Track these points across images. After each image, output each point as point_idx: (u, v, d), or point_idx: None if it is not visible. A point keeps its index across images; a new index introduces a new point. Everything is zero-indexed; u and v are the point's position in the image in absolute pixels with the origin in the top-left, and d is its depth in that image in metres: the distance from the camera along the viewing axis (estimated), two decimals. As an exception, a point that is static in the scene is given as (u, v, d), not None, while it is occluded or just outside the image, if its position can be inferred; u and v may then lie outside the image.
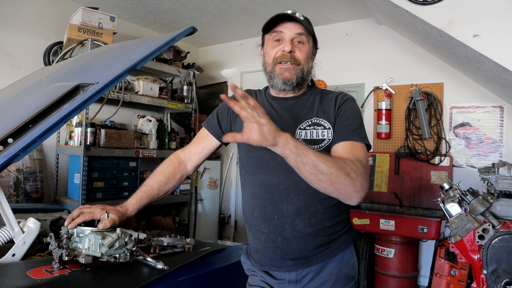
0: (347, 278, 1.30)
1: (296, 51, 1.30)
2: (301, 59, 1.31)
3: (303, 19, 1.32)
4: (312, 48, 1.37)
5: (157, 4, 3.78)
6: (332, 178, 1.04)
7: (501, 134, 3.28)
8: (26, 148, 1.09)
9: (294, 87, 1.32)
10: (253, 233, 1.35)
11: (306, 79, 1.35)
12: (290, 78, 1.30)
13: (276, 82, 1.33)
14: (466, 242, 1.99)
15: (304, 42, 1.32)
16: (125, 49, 1.64)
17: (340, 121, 1.27)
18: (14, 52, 3.38)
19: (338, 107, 1.30)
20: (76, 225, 1.18)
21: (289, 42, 1.30)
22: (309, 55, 1.34)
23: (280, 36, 1.32)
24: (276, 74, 1.32)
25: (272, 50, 1.33)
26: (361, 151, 1.20)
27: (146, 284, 1.10)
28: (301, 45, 1.32)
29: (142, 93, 3.64)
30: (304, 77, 1.33)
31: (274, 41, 1.33)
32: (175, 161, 1.48)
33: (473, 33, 2.30)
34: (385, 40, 3.83)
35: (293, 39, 1.31)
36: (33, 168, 3.38)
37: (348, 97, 1.35)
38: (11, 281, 0.99)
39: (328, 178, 1.04)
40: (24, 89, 1.57)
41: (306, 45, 1.33)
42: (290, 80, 1.30)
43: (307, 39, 1.33)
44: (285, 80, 1.31)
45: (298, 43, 1.31)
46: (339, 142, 1.23)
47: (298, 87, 1.34)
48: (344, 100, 1.32)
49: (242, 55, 4.87)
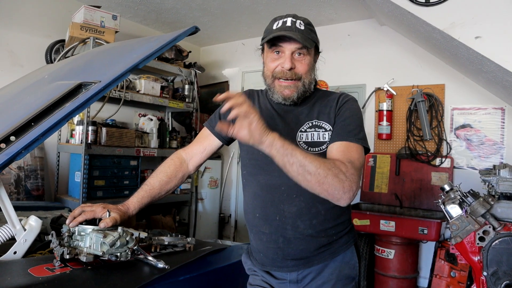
0: (348, 279, 1.31)
1: (296, 66, 1.25)
2: (302, 73, 1.26)
3: (303, 29, 1.25)
4: (314, 56, 1.33)
5: (159, 3, 3.78)
6: (319, 178, 1.05)
7: (502, 136, 3.28)
8: (28, 146, 1.09)
9: (295, 101, 1.30)
10: (254, 234, 1.35)
11: (308, 89, 1.31)
12: (290, 96, 1.27)
13: (276, 98, 1.31)
14: (467, 244, 1.99)
15: (304, 54, 1.26)
16: (127, 48, 1.64)
17: (338, 121, 1.26)
18: (16, 50, 3.38)
19: (339, 107, 1.29)
20: (77, 223, 1.18)
21: (289, 57, 1.24)
22: (311, 66, 1.30)
23: (280, 48, 1.26)
24: (276, 91, 1.29)
25: (272, 64, 1.28)
26: (355, 152, 1.19)
27: (147, 283, 1.10)
28: (302, 58, 1.26)
29: (144, 92, 3.64)
30: (306, 90, 1.29)
31: (274, 52, 1.28)
32: (176, 161, 1.47)
33: (475, 35, 2.30)
34: (387, 41, 3.83)
35: (293, 52, 1.25)
36: (34, 165, 3.38)
37: (349, 97, 1.33)
38: (12, 279, 0.99)
39: (316, 179, 1.05)
40: (26, 87, 1.57)
41: (307, 56, 1.27)
42: (290, 97, 1.28)
43: (308, 51, 1.27)
44: (285, 97, 1.28)
45: (298, 55, 1.26)
46: (334, 142, 1.22)
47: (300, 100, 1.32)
48: (345, 100, 1.31)
49: (243, 55, 4.87)
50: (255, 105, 1.42)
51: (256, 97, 1.45)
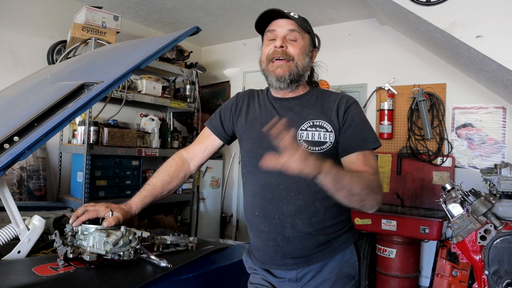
0: (347, 277, 1.31)
1: (288, 47, 1.31)
2: (294, 54, 1.30)
3: (297, 17, 1.33)
4: (309, 45, 1.37)
5: (160, 3, 3.79)
6: (362, 197, 1.13)
7: (503, 135, 3.27)
8: (31, 146, 1.10)
9: (289, 84, 1.31)
10: (254, 232, 1.36)
11: (302, 75, 1.34)
12: (282, 75, 1.30)
13: (270, 80, 1.34)
14: (468, 243, 1.99)
15: (297, 38, 1.32)
16: (129, 49, 1.65)
17: (349, 129, 1.28)
18: (18, 51, 3.40)
19: (344, 112, 1.30)
20: (80, 222, 1.19)
21: (281, 38, 1.31)
22: (304, 50, 1.33)
23: (274, 34, 1.33)
24: (270, 72, 1.33)
25: (266, 48, 1.34)
26: (373, 158, 1.28)
27: (150, 281, 1.11)
28: (295, 42, 1.32)
29: (145, 92, 3.65)
30: (299, 73, 1.32)
31: (269, 40, 1.34)
32: (178, 160, 1.48)
33: (476, 34, 2.30)
34: (388, 41, 3.83)
35: (286, 36, 1.31)
36: (36, 166, 3.40)
37: (352, 101, 1.34)
38: (17, 278, 1.00)
39: (359, 198, 1.13)
40: (29, 88, 1.58)
41: (300, 41, 1.32)
42: (282, 76, 1.30)
43: (301, 36, 1.33)
44: (278, 77, 1.30)
45: (291, 40, 1.32)
46: (354, 153, 1.26)
47: (295, 84, 1.33)
48: (349, 105, 1.32)
49: (245, 55, 4.87)
50: (255, 104, 1.43)
51: (256, 96, 1.46)
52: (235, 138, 1.50)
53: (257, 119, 1.38)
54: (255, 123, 1.37)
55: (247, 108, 1.43)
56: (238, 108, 1.44)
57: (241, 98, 1.47)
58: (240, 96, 1.48)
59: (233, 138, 1.50)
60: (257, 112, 1.40)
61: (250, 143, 1.36)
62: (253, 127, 1.37)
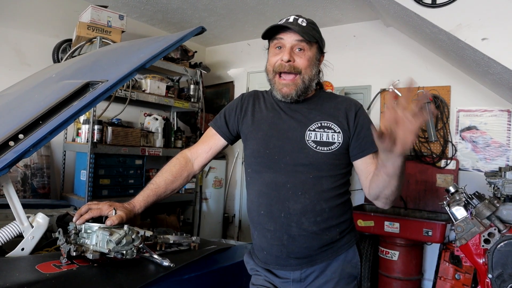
0: (350, 277, 1.32)
1: (296, 60, 1.29)
2: (301, 67, 1.30)
3: (305, 25, 1.30)
4: (316, 54, 1.35)
5: (165, 3, 3.80)
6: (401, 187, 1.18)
7: (508, 138, 3.26)
8: (36, 144, 1.10)
9: (296, 99, 1.34)
10: (258, 231, 1.36)
11: (309, 86, 1.34)
12: (289, 94, 1.31)
13: (275, 94, 1.36)
14: (472, 246, 1.98)
15: (305, 49, 1.30)
16: (134, 48, 1.65)
17: (362, 132, 1.31)
18: (23, 49, 3.41)
19: (355, 115, 1.33)
20: (84, 221, 1.20)
21: (288, 50, 1.29)
22: (312, 62, 1.32)
23: (281, 43, 1.31)
24: (276, 89, 1.34)
25: (273, 58, 1.33)
26: None
27: (153, 280, 1.11)
28: (302, 53, 1.30)
29: (149, 92, 3.66)
30: (306, 86, 1.32)
31: (276, 48, 1.33)
32: (182, 160, 1.48)
33: (481, 37, 2.29)
34: (393, 42, 3.82)
35: (293, 47, 1.29)
36: (40, 164, 3.41)
37: (360, 105, 1.39)
38: (20, 275, 1.00)
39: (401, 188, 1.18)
40: (35, 86, 1.59)
41: (308, 52, 1.31)
42: (289, 95, 1.32)
43: (309, 46, 1.31)
44: (284, 95, 1.32)
45: (299, 50, 1.30)
46: (370, 154, 1.30)
47: (301, 97, 1.35)
48: (358, 108, 1.36)
49: (249, 55, 4.88)
50: (260, 105, 1.43)
51: (261, 98, 1.46)
52: (238, 138, 1.51)
53: (264, 119, 1.39)
54: (262, 124, 1.38)
55: (253, 109, 1.44)
56: (243, 109, 1.45)
57: (246, 99, 1.48)
58: (245, 97, 1.49)
59: (237, 138, 1.51)
60: (264, 113, 1.41)
61: (257, 143, 1.37)
62: (260, 127, 1.38)
